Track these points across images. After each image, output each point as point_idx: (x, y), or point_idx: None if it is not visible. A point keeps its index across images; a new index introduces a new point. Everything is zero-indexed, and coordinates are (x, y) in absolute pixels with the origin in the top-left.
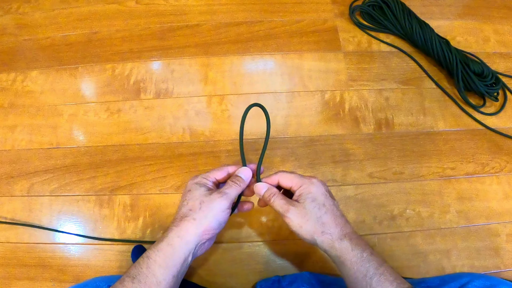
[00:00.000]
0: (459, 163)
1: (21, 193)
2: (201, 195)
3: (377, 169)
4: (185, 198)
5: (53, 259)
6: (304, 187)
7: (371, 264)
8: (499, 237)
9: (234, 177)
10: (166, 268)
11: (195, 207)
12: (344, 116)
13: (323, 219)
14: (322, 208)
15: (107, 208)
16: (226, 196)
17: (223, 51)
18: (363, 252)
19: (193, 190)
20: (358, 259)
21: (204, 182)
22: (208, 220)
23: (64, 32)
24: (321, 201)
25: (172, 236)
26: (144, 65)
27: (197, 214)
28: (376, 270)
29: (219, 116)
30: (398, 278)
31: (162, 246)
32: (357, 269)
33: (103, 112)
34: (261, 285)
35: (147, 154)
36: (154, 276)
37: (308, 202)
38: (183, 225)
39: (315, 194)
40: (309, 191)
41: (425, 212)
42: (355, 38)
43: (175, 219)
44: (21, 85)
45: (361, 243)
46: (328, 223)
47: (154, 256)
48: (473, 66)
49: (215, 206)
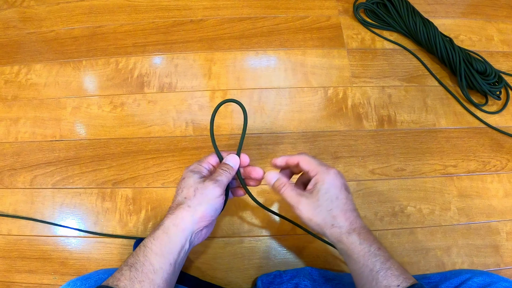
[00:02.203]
0: (461, 161)
1: (24, 185)
2: (195, 182)
3: (379, 165)
4: (180, 186)
5: (54, 252)
6: (320, 176)
7: (378, 258)
8: (499, 235)
9: (223, 165)
10: (162, 256)
11: (189, 195)
12: (346, 113)
13: (334, 212)
14: (334, 201)
15: (109, 201)
16: (218, 183)
17: (227, 46)
18: (370, 246)
19: (187, 177)
20: (365, 253)
21: (198, 169)
22: (203, 207)
23: (68, 26)
24: (335, 193)
25: (168, 224)
26: (148, 59)
27: (191, 201)
28: (382, 264)
29: (222, 110)
30: (404, 273)
31: (158, 234)
32: (364, 263)
33: (106, 105)
34: (262, 280)
35: (150, 147)
36: (151, 264)
37: (321, 194)
38: (178, 212)
39: (329, 186)
40: (324, 181)
41: (426, 209)
42: (358, 35)
43: (170, 208)
44: (25, 78)
45: (370, 237)
46: (338, 217)
47: (150, 245)
48: (476, 64)
49: (209, 192)
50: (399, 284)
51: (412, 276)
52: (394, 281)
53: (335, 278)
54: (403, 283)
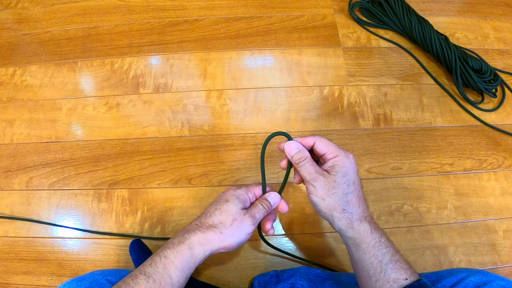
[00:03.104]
0: (457, 159)
1: (20, 187)
2: (236, 212)
3: (375, 164)
4: (219, 207)
5: (51, 253)
6: (339, 159)
7: (388, 250)
8: (496, 233)
9: (264, 201)
10: (182, 270)
11: (226, 222)
12: (343, 112)
13: (349, 197)
14: (351, 186)
15: (105, 202)
16: (255, 221)
17: (222, 46)
18: (381, 237)
19: (231, 203)
20: (375, 243)
21: (244, 197)
22: (233, 239)
23: (63, 27)
24: (352, 178)
25: (195, 242)
26: (143, 60)
27: (226, 229)
28: (392, 256)
29: (218, 110)
30: (411, 268)
31: (182, 249)
32: (373, 253)
33: (102, 106)
34: (259, 280)
35: (146, 148)
36: (169, 278)
37: (340, 176)
38: (208, 234)
39: (348, 169)
40: (343, 164)
41: (422, 208)
42: (354, 34)
43: (202, 224)
44: (20, 79)
45: (379, 228)
46: (352, 202)
47: (173, 258)
48: (471, 62)
49: (243, 228)
50: (407, 277)
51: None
52: (403, 274)
53: (332, 277)
54: (411, 277)
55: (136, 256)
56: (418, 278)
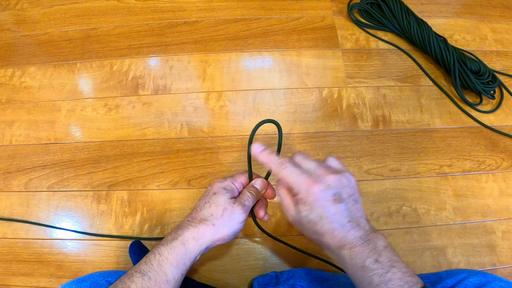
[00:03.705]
0: (456, 161)
1: (19, 188)
2: (225, 202)
3: (374, 166)
4: (208, 200)
5: (50, 254)
6: (300, 197)
7: (375, 272)
8: (495, 234)
9: (252, 188)
10: (177, 267)
11: (217, 213)
12: (341, 113)
13: (319, 232)
14: (318, 222)
15: (104, 203)
16: (246, 209)
17: (221, 48)
18: (364, 261)
19: (219, 194)
20: (358, 269)
21: (231, 187)
22: (226, 229)
23: (62, 28)
24: (318, 214)
25: (188, 237)
26: (142, 61)
27: (218, 221)
28: (381, 277)
29: (217, 112)
30: (409, 281)
31: (175, 245)
32: (360, 276)
33: (101, 108)
34: (258, 281)
35: (145, 150)
36: (164, 274)
37: (303, 216)
38: (201, 228)
39: (312, 207)
40: (305, 202)
41: (421, 209)
42: (353, 36)
43: (193, 219)
44: (19, 81)
45: (365, 251)
46: (324, 236)
47: (167, 254)
48: (470, 64)
49: (235, 217)
50: None
51: (419, 278)
52: None
53: (331, 278)
54: None
55: (136, 257)
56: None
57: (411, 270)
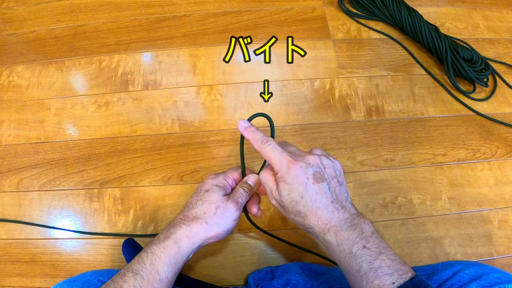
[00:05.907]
0: (450, 149)
1: (10, 188)
2: (218, 199)
3: (368, 156)
4: (200, 198)
5: (44, 254)
6: (280, 177)
7: (363, 259)
8: (491, 224)
9: (245, 184)
10: (170, 266)
11: (210, 211)
12: (334, 104)
13: (302, 213)
14: (300, 202)
15: (97, 201)
16: (239, 206)
17: (211, 41)
18: (352, 247)
19: (212, 192)
20: (346, 255)
21: (224, 184)
22: (219, 227)
23: (49, 26)
24: (299, 192)
25: (181, 236)
26: (131, 57)
27: (210, 218)
28: (370, 264)
29: (208, 106)
30: (399, 270)
31: (168, 244)
32: (348, 263)
33: (90, 105)
34: (253, 276)
35: (136, 146)
36: (157, 274)
37: (284, 196)
38: (194, 226)
39: (292, 185)
40: (285, 182)
41: (417, 200)
42: (344, 26)
43: (185, 217)
44: (7, 80)
45: (351, 236)
46: (308, 217)
47: (159, 253)
48: (462, 52)
49: (228, 215)
50: (394, 281)
51: (409, 267)
52: (387, 280)
53: (326, 272)
54: (399, 279)
55: (129, 255)
56: (410, 277)
57: (399, 258)
